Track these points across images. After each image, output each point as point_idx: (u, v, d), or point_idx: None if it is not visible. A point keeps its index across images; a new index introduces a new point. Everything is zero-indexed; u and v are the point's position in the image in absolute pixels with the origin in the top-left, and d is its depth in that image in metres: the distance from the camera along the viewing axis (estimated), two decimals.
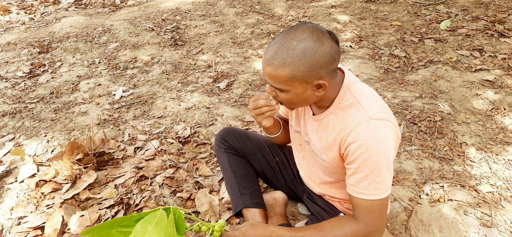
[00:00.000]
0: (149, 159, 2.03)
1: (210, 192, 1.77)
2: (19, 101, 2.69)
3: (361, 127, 0.97)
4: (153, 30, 3.89)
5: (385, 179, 1.00)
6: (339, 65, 1.11)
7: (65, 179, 1.85)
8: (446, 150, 1.97)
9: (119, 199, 1.73)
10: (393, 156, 1.01)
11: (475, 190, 1.69)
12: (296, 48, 0.93)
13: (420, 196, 1.69)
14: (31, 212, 1.70)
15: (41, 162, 2.02)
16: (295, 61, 0.93)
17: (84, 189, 1.79)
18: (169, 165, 1.96)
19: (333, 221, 1.09)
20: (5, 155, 2.10)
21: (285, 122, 1.45)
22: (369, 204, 1.02)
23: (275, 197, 1.58)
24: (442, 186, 1.73)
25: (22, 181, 1.87)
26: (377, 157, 0.97)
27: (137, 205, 1.71)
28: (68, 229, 1.58)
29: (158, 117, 2.44)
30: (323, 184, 1.28)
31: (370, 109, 0.99)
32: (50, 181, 1.84)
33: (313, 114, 1.16)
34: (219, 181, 1.82)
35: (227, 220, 1.59)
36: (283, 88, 1.00)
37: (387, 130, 0.98)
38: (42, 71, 3.12)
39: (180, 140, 2.18)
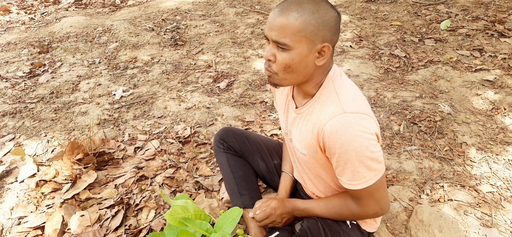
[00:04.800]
0: (149, 159, 2.03)
1: (210, 192, 1.77)
2: (19, 101, 2.69)
3: (334, 121, 0.98)
4: (153, 30, 3.90)
5: (369, 169, 1.00)
6: None
7: (65, 179, 1.85)
8: (446, 150, 1.97)
9: (119, 199, 1.73)
10: (375, 145, 1.00)
11: (475, 190, 1.69)
12: (310, 5, 0.95)
13: (420, 196, 1.69)
14: (31, 212, 1.70)
15: (41, 162, 2.02)
16: (307, 13, 0.94)
17: (84, 189, 1.79)
18: (169, 165, 1.96)
19: (337, 196, 1.20)
20: (5, 155, 2.10)
21: None
22: (357, 192, 1.06)
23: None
24: (442, 186, 1.73)
25: (22, 181, 1.87)
26: (355, 150, 0.97)
27: (137, 205, 1.71)
28: (68, 229, 1.58)
29: (158, 117, 2.44)
30: (312, 183, 1.29)
31: (346, 103, 1.00)
32: (50, 181, 1.84)
33: (296, 107, 1.17)
34: (219, 181, 1.82)
35: None
36: (289, 43, 0.96)
37: (362, 123, 0.97)
38: (42, 71, 3.12)
39: (180, 140, 2.18)
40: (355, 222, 1.23)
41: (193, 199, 1.71)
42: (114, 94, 2.73)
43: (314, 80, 1.06)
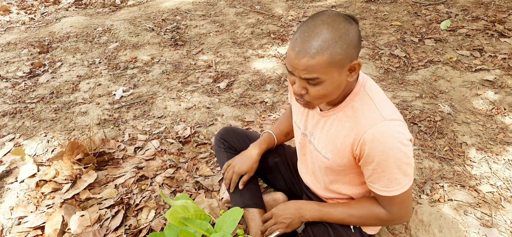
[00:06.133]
0: (149, 159, 2.03)
1: (210, 192, 1.77)
2: (19, 101, 2.69)
3: (376, 128, 0.97)
4: (153, 30, 3.90)
5: (405, 175, 1.01)
6: None
7: (65, 179, 1.85)
8: (446, 150, 1.97)
9: (119, 199, 1.73)
10: (411, 150, 1.01)
11: (475, 190, 1.69)
12: (330, 31, 0.90)
13: (420, 196, 1.69)
14: (31, 212, 1.70)
15: (41, 162, 2.02)
16: (332, 44, 0.89)
17: (84, 189, 1.79)
18: (169, 165, 1.96)
19: (361, 202, 1.16)
20: (5, 155, 2.10)
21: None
22: (391, 198, 1.05)
23: (276, 198, 1.58)
24: (442, 186, 1.73)
25: (22, 181, 1.87)
26: (395, 157, 0.98)
27: (137, 205, 1.71)
28: (68, 229, 1.59)
29: (158, 117, 2.44)
30: (323, 184, 1.28)
31: (384, 110, 1.00)
32: (50, 181, 1.84)
33: (320, 110, 1.15)
34: (219, 181, 1.82)
35: None
36: (319, 77, 0.92)
37: (401, 129, 0.99)
38: (42, 71, 3.12)
39: (180, 140, 2.18)
40: (357, 226, 1.23)
41: (193, 199, 1.71)
42: (114, 94, 2.73)
43: (345, 90, 1.05)
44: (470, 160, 1.88)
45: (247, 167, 1.40)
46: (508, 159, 1.87)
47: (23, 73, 3.09)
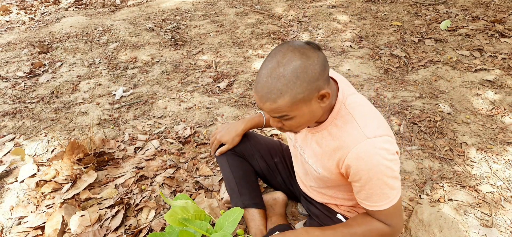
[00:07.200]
0: (149, 159, 2.03)
1: (210, 192, 1.77)
2: (19, 101, 2.69)
3: (359, 148, 0.97)
4: (153, 30, 3.90)
5: (392, 188, 1.02)
6: (332, 74, 1.11)
7: (65, 179, 1.85)
8: (446, 150, 1.97)
9: (119, 199, 1.73)
10: (397, 164, 1.01)
11: (475, 190, 1.69)
12: (286, 73, 0.89)
13: (420, 196, 1.69)
14: (31, 212, 1.70)
15: (41, 162, 2.02)
16: (290, 85, 0.89)
17: (84, 189, 1.79)
18: (169, 165, 1.96)
19: (359, 219, 1.13)
20: (5, 155, 2.10)
21: None
22: (385, 212, 1.05)
23: (275, 197, 1.58)
24: (442, 186, 1.73)
25: (22, 181, 1.87)
26: (380, 173, 0.98)
27: (137, 205, 1.71)
28: (68, 229, 1.59)
29: (158, 117, 2.44)
30: (318, 191, 1.29)
31: (366, 127, 0.99)
32: (50, 181, 1.84)
33: (307, 126, 1.16)
34: (219, 181, 1.82)
35: None
36: (288, 115, 0.95)
37: (385, 145, 0.98)
38: (42, 71, 3.12)
39: (180, 140, 2.18)
40: None
41: (193, 199, 1.72)
42: (114, 94, 2.73)
43: (325, 110, 1.05)
44: (470, 160, 1.88)
45: (228, 137, 1.46)
46: (508, 159, 1.87)
47: (23, 73, 3.09)
